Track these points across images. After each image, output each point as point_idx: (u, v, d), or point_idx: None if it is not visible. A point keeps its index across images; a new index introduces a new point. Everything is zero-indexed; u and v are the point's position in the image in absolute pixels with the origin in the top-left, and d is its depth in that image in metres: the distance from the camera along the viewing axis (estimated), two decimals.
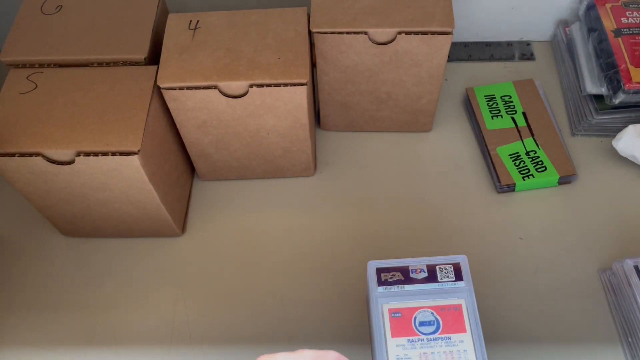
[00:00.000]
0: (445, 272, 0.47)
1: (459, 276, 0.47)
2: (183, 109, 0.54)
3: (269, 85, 0.51)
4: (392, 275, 0.47)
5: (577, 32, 0.68)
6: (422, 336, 0.44)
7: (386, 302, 0.46)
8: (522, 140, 0.64)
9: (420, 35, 0.54)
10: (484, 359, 0.43)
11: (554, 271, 0.57)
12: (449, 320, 0.45)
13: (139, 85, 0.52)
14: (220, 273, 0.59)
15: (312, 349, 0.35)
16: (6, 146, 0.49)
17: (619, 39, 0.62)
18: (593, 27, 0.65)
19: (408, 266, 0.47)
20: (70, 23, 0.56)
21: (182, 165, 0.62)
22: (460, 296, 0.46)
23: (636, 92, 0.60)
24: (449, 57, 0.57)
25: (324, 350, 0.34)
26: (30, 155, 0.49)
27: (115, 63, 0.54)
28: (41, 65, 0.54)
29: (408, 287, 0.47)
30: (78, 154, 0.49)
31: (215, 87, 0.52)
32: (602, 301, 0.55)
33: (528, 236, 0.59)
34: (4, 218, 0.64)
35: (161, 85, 0.51)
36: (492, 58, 0.73)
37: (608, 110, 0.63)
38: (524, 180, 0.61)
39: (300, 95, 0.52)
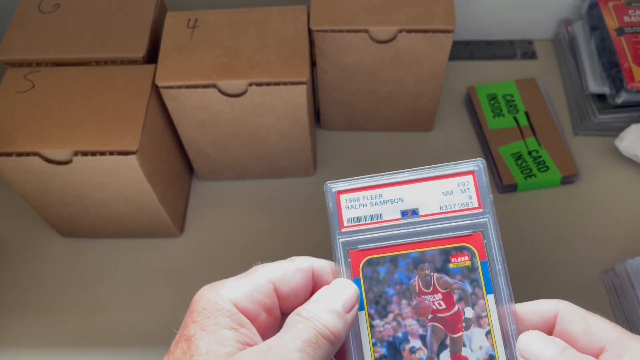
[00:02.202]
0: None
1: None
2: (181, 108, 0.53)
3: (268, 84, 0.51)
4: None
5: (579, 30, 0.67)
6: None
7: None
8: (524, 140, 0.64)
9: (421, 34, 0.53)
10: None
11: (557, 272, 0.57)
12: None
13: (137, 84, 0.51)
14: (219, 273, 0.58)
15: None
16: (3, 146, 0.48)
17: (622, 37, 0.62)
18: (595, 25, 0.65)
19: None
20: (67, 21, 0.56)
21: (181, 165, 0.61)
22: None
23: (639, 91, 0.59)
24: (450, 55, 0.56)
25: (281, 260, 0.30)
26: (28, 155, 0.48)
27: (113, 62, 0.54)
28: (39, 64, 0.54)
29: None
30: (75, 154, 0.48)
31: (214, 86, 0.51)
32: (605, 302, 0.55)
33: (530, 236, 0.59)
34: (0, 218, 0.63)
35: (159, 84, 0.51)
36: (493, 57, 0.73)
37: (611, 109, 0.63)
38: (526, 180, 0.61)
39: (300, 94, 0.52)
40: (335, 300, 0.27)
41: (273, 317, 0.28)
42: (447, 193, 0.30)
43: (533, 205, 0.61)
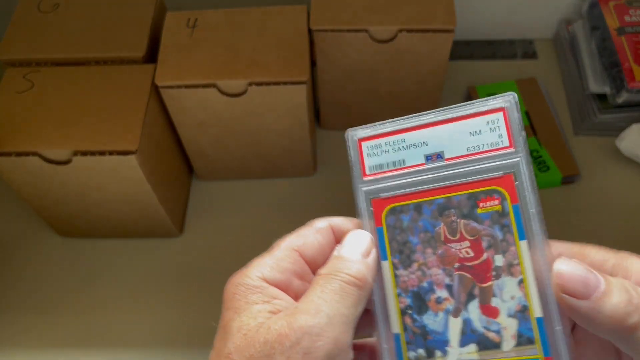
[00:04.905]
0: None
1: None
2: (181, 108, 0.53)
3: (268, 84, 0.51)
4: None
5: (580, 30, 0.67)
6: None
7: None
8: None
9: (421, 33, 0.53)
10: None
11: None
12: None
13: (137, 83, 0.51)
14: (219, 273, 0.58)
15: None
16: (2, 145, 0.48)
17: (622, 37, 0.62)
18: (596, 25, 0.65)
19: None
20: (67, 21, 0.56)
21: (180, 165, 0.61)
22: None
23: (639, 91, 0.59)
24: (450, 55, 0.56)
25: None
26: (27, 154, 0.48)
27: (112, 61, 0.53)
28: (38, 64, 0.54)
29: None
30: (75, 154, 0.48)
31: (214, 86, 0.51)
32: None
33: None
34: (0, 218, 0.63)
35: (159, 84, 0.51)
36: (494, 56, 0.72)
37: (611, 109, 0.62)
38: None
39: (299, 94, 0.52)
40: (349, 250, 0.28)
41: (308, 281, 0.28)
42: (475, 133, 0.28)
43: None
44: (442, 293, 0.27)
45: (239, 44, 0.53)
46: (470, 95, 0.67)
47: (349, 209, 0.62)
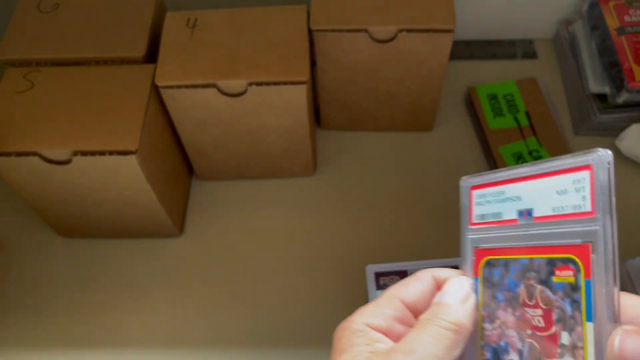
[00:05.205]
0: None
1: None
2: (181, 108, 0.53)
3: (268, 84, 0.51)
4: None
5: (580, 30, 0.67)
6: None
7: None
8: (525, 140, 0.63)
9: (421, 34, 0.53)
10: None
11: None
12: None
13: (137, 83, 0.51)
14: (219, 273, 0.58)
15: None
16: (2, 145, 0.48)
17: (622, 37, 0.62)
18: (596, 25, 0.65)
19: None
20: (67, 21, 0.56)
21: (181, 165, 0.61)
22: None
23: (639, 91, 0.59)
24: (450, 55, 0.56)
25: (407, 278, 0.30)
26: (27, 154, 0.48)
27: (112, 61, 0.54)
28: (38, 64, 0.54)
29: None
30: (75, 154, 0.48)
31: (214, 86, 0.51)
32: None
33: None
34: (1, 218, 0.63)
35: (159, 84, 0.51)
36: (494, 57, 0.72)
37: (611, 109, 0.62)
38: None
39: (299, 94, 0.52)
40: (448, 296, 0.29)
41: (411, 326, 0.29)
42: (562, 192, 0.25)
43: None
44: (515, 357, 0.27)
45: (239, 44, 0.53)
46: (470, 95, 0.67)
47: (347, 209, 0.62)
